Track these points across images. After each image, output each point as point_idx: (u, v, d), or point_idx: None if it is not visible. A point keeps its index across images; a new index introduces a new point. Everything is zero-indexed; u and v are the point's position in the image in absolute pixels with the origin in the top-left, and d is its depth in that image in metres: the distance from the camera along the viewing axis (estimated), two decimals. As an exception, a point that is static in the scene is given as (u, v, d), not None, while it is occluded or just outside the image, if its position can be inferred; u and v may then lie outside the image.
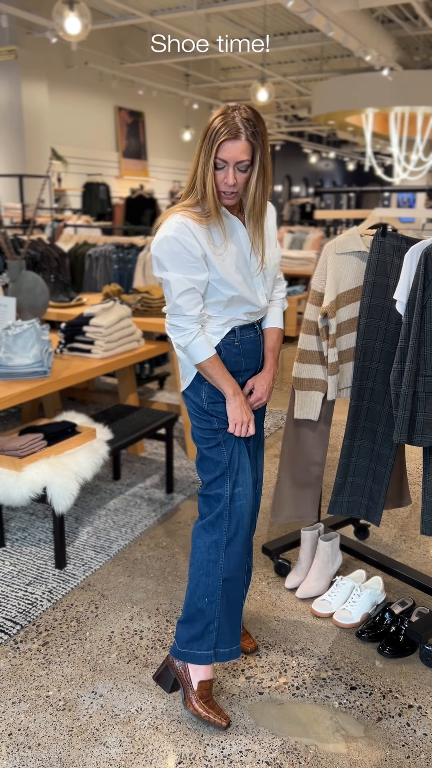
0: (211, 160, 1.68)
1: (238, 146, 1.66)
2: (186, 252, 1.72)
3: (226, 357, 1.85)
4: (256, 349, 1.92)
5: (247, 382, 1.91)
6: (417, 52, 12.62)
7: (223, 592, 1.88)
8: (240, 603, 1.93)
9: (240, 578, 1.91)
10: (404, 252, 2.06)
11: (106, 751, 1.80)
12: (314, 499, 2.47)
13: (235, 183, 1.70)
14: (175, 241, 1.71)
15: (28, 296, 3.30)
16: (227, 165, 1.69)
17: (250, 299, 1.83)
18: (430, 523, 2.10)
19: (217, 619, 1.88)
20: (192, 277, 1.73)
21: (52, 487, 2.55)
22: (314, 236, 8.16)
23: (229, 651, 1.91)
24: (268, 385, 1.93)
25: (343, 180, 27.86)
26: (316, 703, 1.99)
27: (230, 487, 1.86)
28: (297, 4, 7.67)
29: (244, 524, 1.88)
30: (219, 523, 1.87)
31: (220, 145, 1.66)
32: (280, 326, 1.99)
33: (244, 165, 1.69)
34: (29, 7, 8.97)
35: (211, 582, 1.87)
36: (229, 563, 1.87)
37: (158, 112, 13.96)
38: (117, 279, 4.88)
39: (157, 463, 3.71)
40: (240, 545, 1.88)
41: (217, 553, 1.87)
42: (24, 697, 1.99)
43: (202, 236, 1.73)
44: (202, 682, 1.91)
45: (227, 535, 1.86)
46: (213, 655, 1.89)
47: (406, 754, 1.81)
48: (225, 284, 1.77)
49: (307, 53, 13.00)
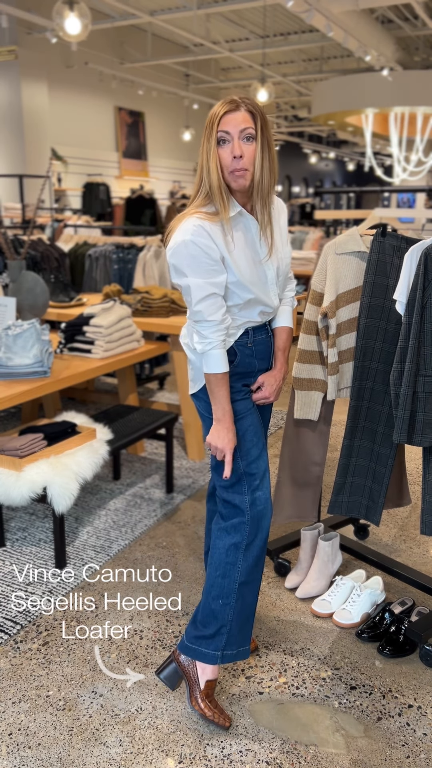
0: (213, 138, 1.64)
1: (239, 116, 1.64)
2: (205, 255, 1.67)
3: (240, 359, 1.84)
4: (268, 350, 1.91)
5: (258, 379, 1.90)
6: (417, 52, 12.63)
7: (239, 595, 1.86)
8: (253, 607, 1.91)
9: (256, 582, 1.89)
10: (404, 252, 2.06)
11: (106, 751, 1.80)
12: (314, 499, 2.47)
13: (242, 154, 1.64)
14: (193, 245, 1.66)
15: (28, 296, 3.30)
16: (231, 137, 1.64)
17: (264, 300, 1.81)
18: (430, 523, 2.10)
19: (230, 623, 1.86)
20: (212, 281, 1.69)
21: (52, 487, 2.55)
22: (314, 236, 8.16)
23: (236, 652, 1.90)
24: (277, 384, 1.92)
25: (343, 180, 27.86)
26: (316, 703, 1.99)
27: (249, 492, 1.84)
28: (297, 5, 7.67)
29: (264, 527, 1.86)
30: (240, 527, 1.85)
31: (221, 119, 1.63)
32: (290, 325, 1.96)
33: (248, 132, 1.64)
34: (29, 7, 8.97)
35: (227, 584, 1.85)
36: (247, 567, 1.85)
37: (158, 112, 13.96)
38: (117, 279, 4.88)
39: (157, 463, 3.71)
40: (259, 549, 1.86)
41: (235, 555, 1.85)
42: (24, 697, 1.99)
43: (219, 238, 1.69)
44: (209, 681, 1.91)
45: (247, 539, 1.84)
46: (220, 656, 1.88)
47: (406, 754, 1.81)
48: (241, 287, 1.74)
49: (307, 53, 13.01)
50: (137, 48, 12.02)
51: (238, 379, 1.85)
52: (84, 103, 11.78)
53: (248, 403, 1.88)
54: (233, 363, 1.83)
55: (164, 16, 9.48)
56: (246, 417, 1.86)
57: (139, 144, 13.39)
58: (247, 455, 1.85)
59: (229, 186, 1.71)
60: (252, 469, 1.85)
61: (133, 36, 11.97)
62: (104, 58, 11.52)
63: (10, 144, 9.86)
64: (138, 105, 13.22)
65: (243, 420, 1.85)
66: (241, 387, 1.87)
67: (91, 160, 11.93)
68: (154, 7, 9.75)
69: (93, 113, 12.08)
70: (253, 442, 1.86)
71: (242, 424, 1.85)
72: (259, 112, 1.67)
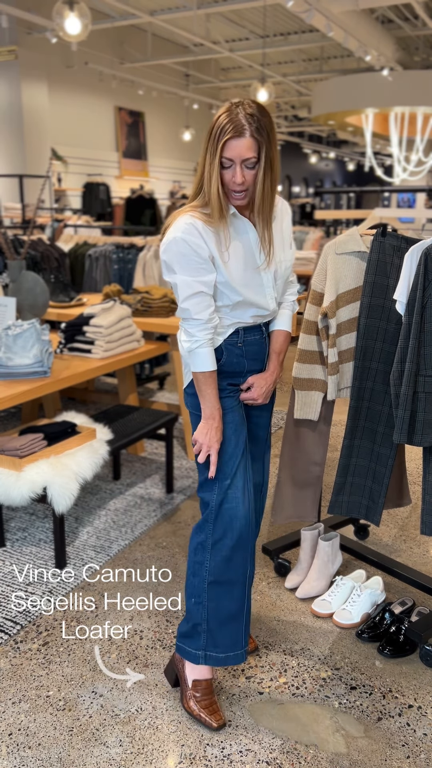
0: (217, 160, 1.64)
1: (243, 143, 1.62)
2: (194, 253, 1.68)
3: (227, 359, 1.83)
4: (261, 351, 1.90)
5: (248, 380, 1.89)
6: (417, 52, 12.63)
7: (212, 595, 1.84)
8: (237, 612, 1.87)
9: (233, 585, 1.85)
10: (404, 252, 2.06)
11: (106, 751, 1.80)
12: (314, 499, 2.47)
13: (243, 181, 1.66)
14: (183, 243, 1.68)
15: (28, 296, 3.30)
16: (234, 164, 1.65)
17: (257, 303, 1.80)
18: (430, 523, 2.10)
19: (205, 622, 1.85)
20: (201, 279, 1.70)
21: (52, 487, 2.55)
22: (314, 236, 8.17)
23: (224, 657, 1.87)
24: (267, 387, 1.90)
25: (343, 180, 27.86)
26: (316, 703, 1.99)
27: (218, 490, 1.83)
28: (297, 4, 7.67)
29: (235, 527, 1.82)
30: (204, 525, 1.85)
31: (225, 144, 1.62)
32: (288, 329, 1.95)
33: (250, 162, 1.65)
34: (29, 7, 8.97)
35: (197, 583, 1.86)
36: (215, 566, 1.84)
37: (158, 112, 13.96)
38: (117, 279, 4.88)
39: (157, 463, 3.71)
40: (228, 549, 1.82)
41: (203, 554, 1.85)
42: (24, 697, 1.99)
43: (210, 237, 1.70)
44: (195, 681, 1.90)
45: (212, 537, 1.83)
46: (203, 657, 1.87)
47: (406, 754, 1.81)
48: (230, 288, 1.74)
49: (307, 53, 13.01)
50: (137, 48, 12.02)
51: (224, 377, 1.85)
52: (84, 103, 11.78)
53: (231, 401, 1.86)
54: (220, 361, 1.82)
55: (164, 16, 9.48)
56: (227, 413, 1.84)
57: (139, 144, 13.39)
58: (224, 452, 1.83)
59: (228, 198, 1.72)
60: (226, 467, 1.83)
61: (133, 36, 11.97)
62: (104, 58, 11.52)
63: (10, 144, 9.86)
64: (138, 105, 13.22)
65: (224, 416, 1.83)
66: (226, 386, 1.85)
67: (91, 160, 11.94)
68: (154, 7, 9.75)
69: (93, 113, 12.08)
70: (229, 439, 1.84)
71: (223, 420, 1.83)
72: (264, 131, 1.64)
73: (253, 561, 1.92)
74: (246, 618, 1.90)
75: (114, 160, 12.70)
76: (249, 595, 1.91)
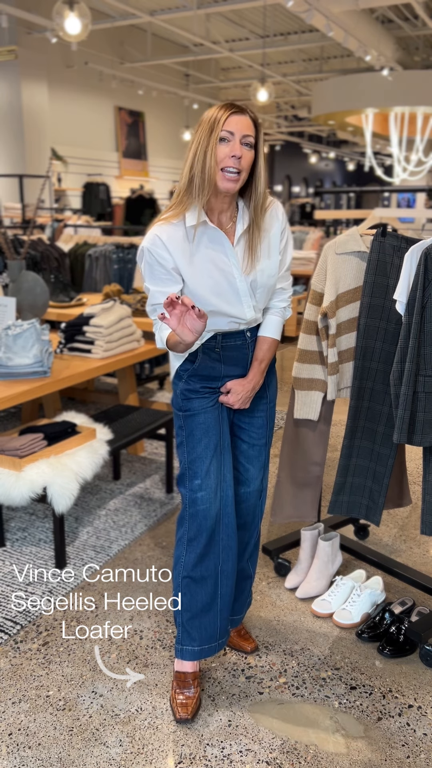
0: (216, 135, 1.62)
1: (244, 120, 1.64)
2: (159, 265, 1.70)
3: (201, 363, 1.81)
4: (242, 357, 1.85)
5: (227, 384, 1.86)
6: (417, 52, 12.63)
7: (185, 590, 1.89)
8: (208, 605, 1.89)
9: (206, 580, 1.88)
10: (404, 252, 2.06)
11: (106, 751, 1.80)
12: (314, 499, 2.47)
13: (241, 156, 1.63)
14: (149, 254, 1.70)
15: (28, 296, 3.30)
16: (233, 138, 1.64)
17: (230, 312, 1.76)
18: (430, 523, 2.10)
19: (180, 614, 1.91)
20: (165, 289, 1.71)
21: (52, 487, 2.55)
22: (314, 236, 8.16)
23: (199, 650, 1.93)
24: (245, 393, 1.86)
25: (343, 180, 27.86)
26: (316, 703, 1.99)
27: (189, 489, 1.85)
28: (297, 4, 7.67)
29: (207, 527, 1.84)
30: (182, 520, 1.89)
31: (227, 118, 1.62)
32: (274, 336, 1.90)
33: (249, 141, 1.65)
34: (29, 7, 8.97)
35: (175, 576, 1.91)
36: (190, 561, 1.87)
37: (158, 112, 13.96)
38: (117, 279, 4.89)
39: (157, 463, 3.71)
40: (202, 546, 1.85)
41: (180, 549, 1.89)
42: (24, 697, 1.99)
43: (176, 248, 1.69)
44: (176, 671, 1.98)
45: (188, 534, 1.87)
46: (180, 651, 1.94)
47: (406, 754, 1.81)
48: (197, 297, 1.73)
49: (307, 53, 13.01)
50: (137, 48, 12.03)
51: (198, 380, 1.84)
52: (84, 103, 11.78)
53: (205, 402, 1.84)
54: (193, 364, 1.82)
55: (164, 16, 9.48)
56: (198, 414, 1.84)
57: (139, 144, 13.39)
58: (192, 451, 1.84)
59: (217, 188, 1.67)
60: (194, 467, 1.84)
61: (133, 36, 11.97)
62: (104, 58, 11.52)
63: (10, 144, 9.87)
64: (138, 105, 13.23)
65: (194, 417, 1.84)
66: (200, 388, 1.84)
67: (91, 160, 11.94)
68: (154, 7, 9.75)
69: (93, 113, 12.08)
70: (199, 440, 1.84)
71: (193, 420, 1.84)
72: (259, 124, 1.69)
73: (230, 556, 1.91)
74: (219, 611, 1.92)
75: (114, 160, 12.70)
76: (224, 589, 1.92)
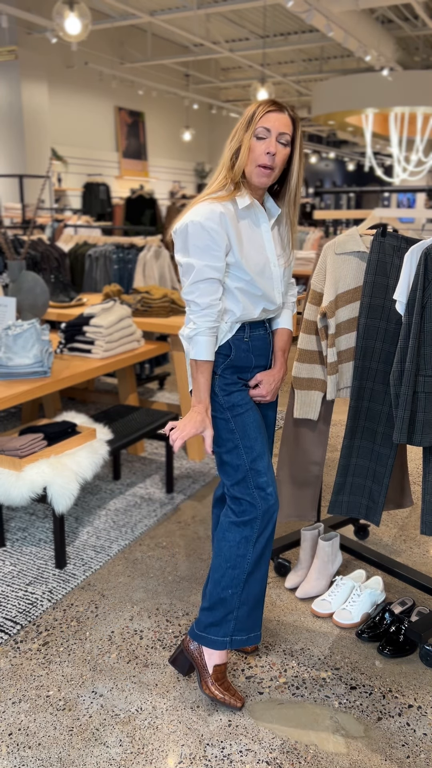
0: (251, 130, 1.70)
1: (282, 118, 1.70)
2: (210, 239, 1.70)
3: (236, 354, 1.85)
4: (266, 347, 1.93)
5: (256, 376, 1.92)
6: (417, 52, 12.63)
7: (246, 585, 1.91)
8: (261, 595, 1.95)
9: (262, 572, 1.93)
10: (404, 252, 2.06)
11: (106, 751, 1.80)
12: (313, 499, 2.47)
13: (275, 153, 1.70)
14: (201, 227, 1.70)
15: (28, 296, 3.30)
16: (270, 135, 1.70)
17: (269, 296, 1.85)
18: (430, 523, 2.10)
19: (237, 609, 1.91)
20: (212, 265, 1.72)
21: (52, 487, 2.55)
22: (314, 236, 8.16)
23: (246, 638, 1.95)
24: (276, 383, 1.94)
25: (343, 180, 27.85)
26: (316, 703, 1.99)
27: (256, 488, 1.86)
28: (297, 5, 7.67)
29: (273, 521, 1.89)
30: (253, 522, 1.88)
31: (264, 116, 1.69)
32: (291, 327, 2.00)
33: (285, 138, 1.71)
34: (29, 7, 8.98)
35: (237, 575, 1.90)
36: (255, 558, 1.90)
37: (158, 112, 13.96)
38: (117, 279, 4.89)
39: (157, 463, 3.71)
40: (266, 540, 1.90)
41: (246, 548, 1.89)
42: (24, 697, 1.99)
43: (230, 225, 1.73)
44: (216, 666, 1.95)
45: (257, 532, 1.88)
46: (229, 641, 1.93)
47: (406, 754, 1.81)
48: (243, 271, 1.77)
49: (307, 53, 13.01)
50: (137, 48, 12.03)
51: (233, 371, 1.87)
52: (84, 103, 11.78)
53: (245, 395, 1.89)
54: (229, 357, 1.85)
55: (164, 16, 9.48)
56: (247, 412, 1.87)
57: (139, 144, 13.39)
58: (251, 451, 1.86)
59: (250, 181, 1.77)
60: (257, 466, 1.86)
61: (133, 36, 11.97)
62: (104, 58, 11.52)
63: (10, 144, 9.87)
64: (138, 105, 13.22)
65: (244, 415, 1.86)
66: (236, 379, 1.88)
67: (91, 160, 11.94)
68: (154, 7, 9.75)
69: (93, 113, 12.08)
70: (255, 438, 1.87)
71: (244, 419, 1.86)
72: (298, 122, 1.74)
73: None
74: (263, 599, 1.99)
75: (114, 160, 12.70)
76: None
